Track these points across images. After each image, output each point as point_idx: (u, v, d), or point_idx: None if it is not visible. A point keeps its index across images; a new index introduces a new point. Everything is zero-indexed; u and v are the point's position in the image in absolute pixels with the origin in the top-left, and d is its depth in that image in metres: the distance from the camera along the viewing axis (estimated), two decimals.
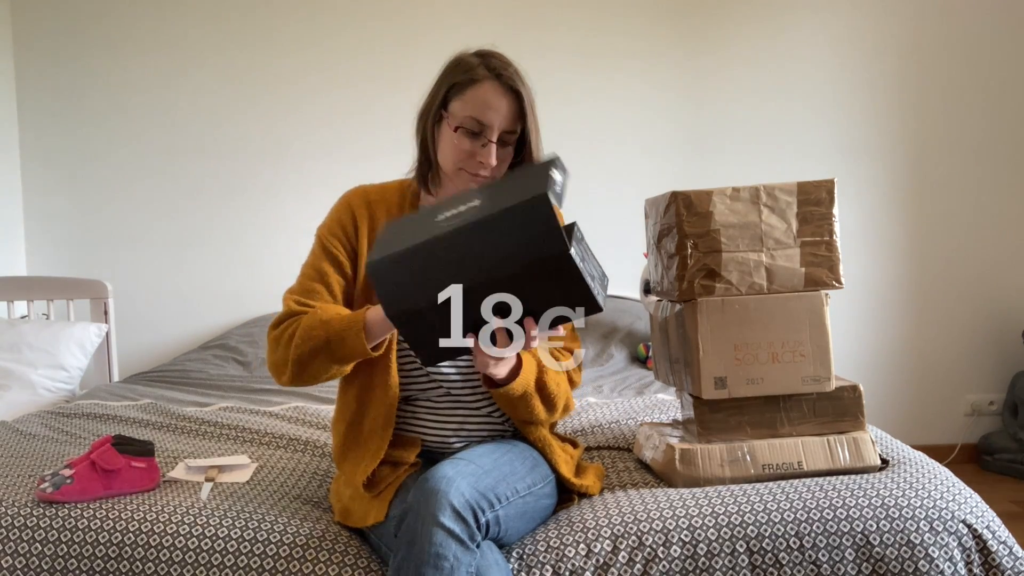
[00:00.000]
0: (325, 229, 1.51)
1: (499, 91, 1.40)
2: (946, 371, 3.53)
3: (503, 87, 1.41)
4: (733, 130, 3.47)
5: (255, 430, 2.00)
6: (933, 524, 1.39)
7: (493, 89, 1.40)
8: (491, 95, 1.40)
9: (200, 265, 3.44)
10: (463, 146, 1.41)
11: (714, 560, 1.36)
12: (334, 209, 1.53)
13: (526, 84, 1.43)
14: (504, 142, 1.42)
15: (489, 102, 1.40)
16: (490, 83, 1.41)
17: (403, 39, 3.42)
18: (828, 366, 1.58)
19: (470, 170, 1.42)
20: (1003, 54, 3.46)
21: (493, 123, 1.40)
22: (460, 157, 1.42)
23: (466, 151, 1.41)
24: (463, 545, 1.19)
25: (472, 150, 1.41)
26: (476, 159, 1.41)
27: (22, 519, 1.46)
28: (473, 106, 1.40)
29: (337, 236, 1.49)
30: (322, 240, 1.51)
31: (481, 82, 1.41)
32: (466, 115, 1.40)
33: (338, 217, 1.51)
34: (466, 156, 1.41)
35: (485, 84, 1.40)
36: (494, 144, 1.40)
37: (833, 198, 1.59)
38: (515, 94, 1.41)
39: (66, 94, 3.41)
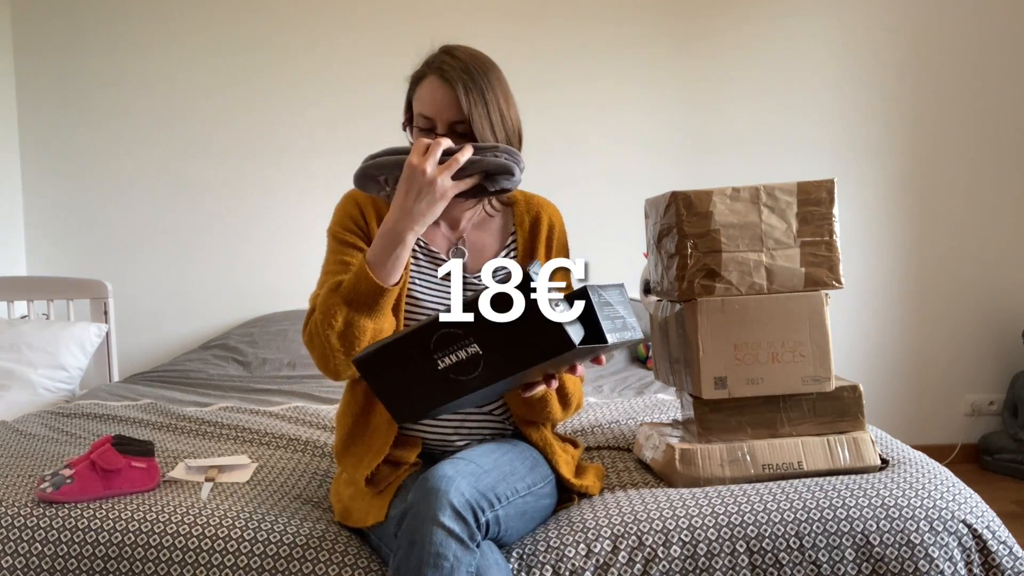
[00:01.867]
0: (336, 225, 1.52)
1: (438, 84, 1.42)
2: (946, 371, 3.53)
3: (440, 80, 1.42)
4: (733, 130, 3.47)
5: (255, 430, 2.00)
6: (933, 524, 1.39)
7: (432, 83, 1.43)
8: (431, 89, 1.42)
9: (200, 265, 3.44)
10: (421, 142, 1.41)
11: (714, 560, 1.36)
12: (339, 207, 1.54)
13: (470, 71, 1.42)
14: (457, 133, 1.42)
15: (429, 97, 1.42)
16: (430, 78, 1.43)
17: (404, 40, 3.42)
18: (828, 366, 1.58)
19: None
20: (1003, 54, 3.46)
21: (435, 117, 1.41)
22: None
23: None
24: (463, 545, 1.19)
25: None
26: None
27: (22, 519, 1.46)
28: (420, 103, 1.44)
29: (350, 228, 1.50)
30: (336, 235, 1.51)
31: (424, 78, 1.44)
32: (417, 112, 1.44)
33: (346, 211, 1.52)
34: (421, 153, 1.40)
35: (427, 80, 1.44)
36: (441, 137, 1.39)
37: (833, 198, 1.59)
38: (446, 80, 1.41)
39: (66, 94, 3.41)
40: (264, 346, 3.03)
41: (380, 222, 1.47)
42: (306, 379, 2.73)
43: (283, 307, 3.41)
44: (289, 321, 3.21)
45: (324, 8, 3.42)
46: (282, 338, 3.07)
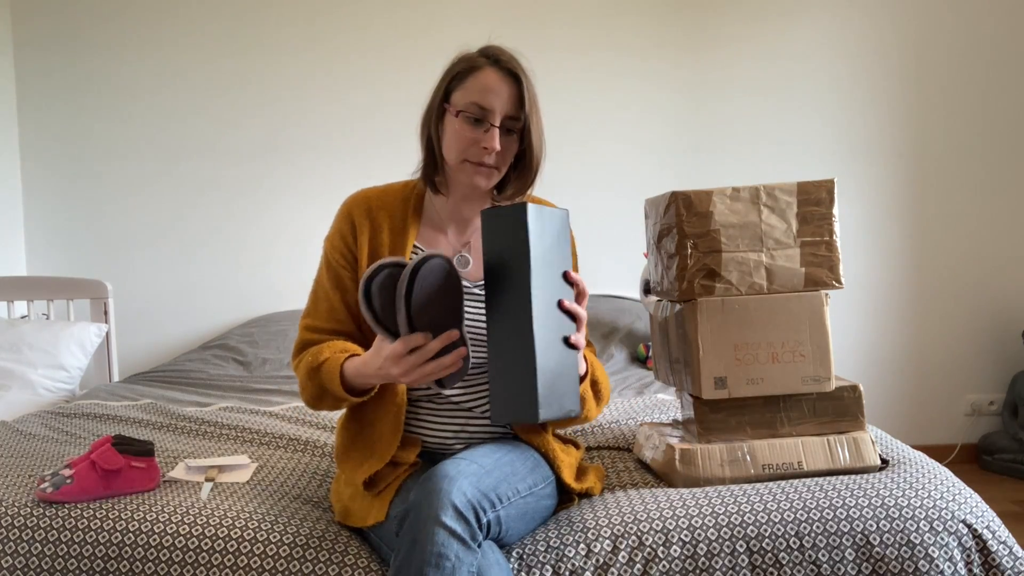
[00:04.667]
0: (328, 242, 1.52)
1: (499, 76, 1.41)
2: (946, 371, 3.53)
3: (502, 72, 1.41)
4: (733, 130, 3.47)
5: (255, 430, 2.00)
6: (933, 524, 1.39)
7: (493, 74, 1.41)
8: (491, 79, 1.41)
9: (200, 265, 3.44)
10: (466, 133, 1.41)
11: (714, 560, 1.36)
12: (335, 219, 1.53)
13: (526, 72, 1.43)
14: (508, 129, 1.42)
15: (489, 86, 1.40)
16: (490, 68, 1.42)
17: (405, 40, 3.42)
18: (828, 366, 1.58)
19: (473, 159, 1.42)
20: (1003, 54, 3.46)
21: (494, 106, 1.40)
22: (463, 145, 1.42)
23: (469, 138, 1.41)
24: (465, 545, 1.18)
25: (475, 137, 1.41)
26: (480, 146, 1.41)
27: (22, 519, 1.46)
28: (474, 91, 1.41)
29: (339, 249, 1.50)
30: (326, 255, 1.52)
31: (481, 68, 1.42)
32: (468, 101, 1.41)
33: (339, 228, 1.51)
34: (469, 143, 1.41)
35: (485, 70, 1.42)
36: (496, 128, 1.40)
37: (833, 198, 1.59)
38: (515, 78, 1.41)
39: (66, 94, 3.41)
40: (264, 346, 3.03)
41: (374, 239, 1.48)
42: None
43: (283, 307, 3.41)
44: (289, 321, 3.21)
45: (324, 9, 3.42)
46: (282, 338, 3.07)
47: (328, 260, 1.51)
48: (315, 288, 1.53)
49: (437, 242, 1.52)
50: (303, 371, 1.44)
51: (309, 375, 1.41)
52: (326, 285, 1.50)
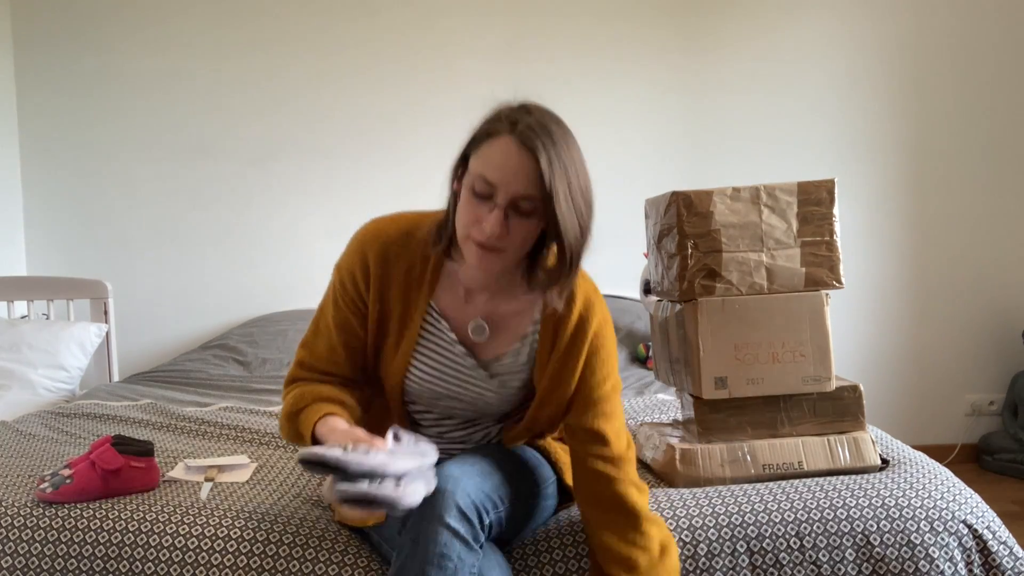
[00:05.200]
0: (338, 278, 1.37)
1: (515, 148, 1.19)
2: (946, 371, 3.53)
3: (518, 144, 1.19)
4: (733, 130, 3.47)
5: (255, 430, 2.00)
6: (933, 524, 1.39)
7: (508, 145, 1.20)
8: (504, 152, 1.19)
9: (200, 265, 3.44)
10: (471, 209, 1.22)
11: (714, 560, 1.36)
12: (349, 252, 1.37)
13: (555, 143, 1.20)
14: (521, 211, 1.21)
15: (499, 160, 1.19)
16: (506, 138, 1.20)
17: (405, 41, 3.42)
18: (828, 366, 1.58)
19: (475, 237, 1.22)
20: (1003, 54, 3.46)
21: (500, 184, 1.19)
22: (467, 221, 1.23)
23: (473, 214, 1.22)
24: (467, 545, 1.18)
25: (479, 215, 1.21)
26: (480, 224, 1.21)
27: (22, 519, 1.46)
28: (485, 162, 1.21)
29: (349, 293, 1.36)
30: (335, 291, 1.38)
31: (498, 136, 1.21)
32: (477, 173, 1.21)
33: (351, 268, 1.35)
34: (472, 220, 1.22)
35: (501, 139, 1.20)
36: (499, 209, 1.19)
37: (833, 198, 1.59)
38: (531, 153, 1.18)
39: (66, 94, 3.41)
40: (264, 346, 3.03)
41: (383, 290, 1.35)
42: None
43: (283, 307, 3.41)
44: (289, 321, 3.21)
45: (325, 10, 3.42)
46: (282, 338, 3.07)
47: (336, 297, 1.38)
48: (319, 318, 1.41)
49: (458, 304, 1.37)
50: (284, 410, 1.36)
51: (288, 417, 1.34)
52: (330, 322, 1.38)
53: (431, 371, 1.37)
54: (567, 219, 1.21)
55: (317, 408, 1.31)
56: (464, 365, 1.37)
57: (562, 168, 1.20)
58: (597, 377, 1.35)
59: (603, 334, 1.36)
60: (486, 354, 1.37)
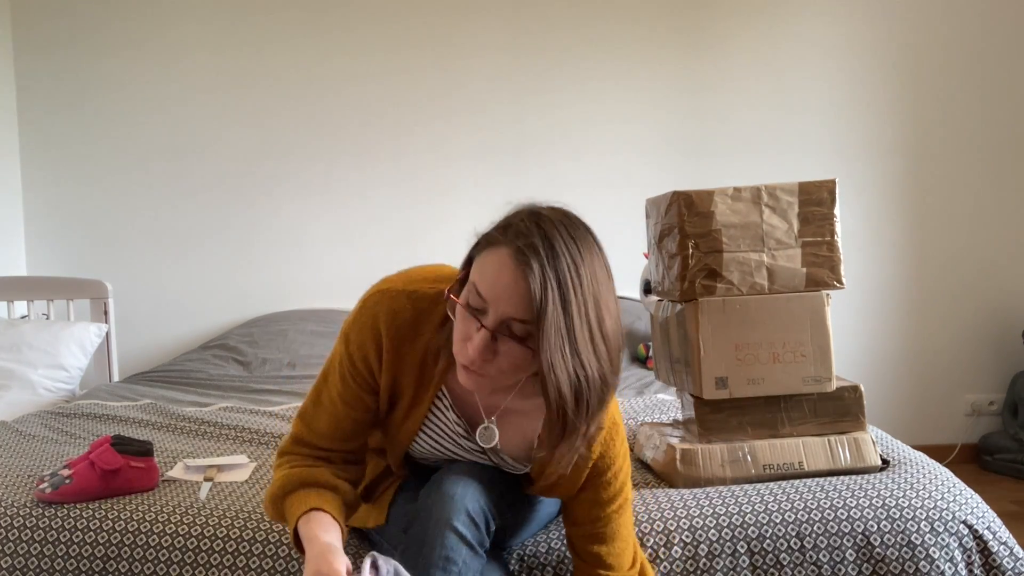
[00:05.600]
0: (347, 354, 1.24)
1: (509, 263, 1.04)
2: (946, 371, 3.53)
3: (514, 258, 1.03)
4: (734, 130, 3.47)
5: (255, 430, 1.99)
6: (934, 524, 1.39)
7: (503, 258, 1.05)
8: (498, 265, 1.05)
9: (200, 265, 3.44)
10: (463, 323, 1.09)
11: (715, 560, 1.36)
12: (360, 327, 1.23)
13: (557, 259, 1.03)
14: (513, 334, 1.06)
15: (492, 274, 1.05)
16: (506, 250, 1.05)
17: (406, 40, 3.42)
18: (829, 366, 1.57)
19: (459, 359, 1.10)
20: (1002, 54, 3.46)
21: (490, 301, 1.05)
22: (457, 335, 1.10)
23: (463, 331, 1.09)
24: (472, 550, 1.18)
25: (468, 332, 1.08)
26: (466, 345, 1.08)
27: (21, 519, 1.46)
28: (479, 274, 1.07)
29: (360, 371, 1.24)
30: (342, 365, 1.25)
31: (498, 247, 1.06)
32: (472, 282, 1.08)
33: (362, 344, 1.23)
34: (462, 337, 1.09)
35: (500, 250, 1.05)
36: (486, 331, 1.05)
37: (834, 198, 1.59)
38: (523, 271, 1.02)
39: (66, 94, 3.40)
40: (264, 346, 3.03)
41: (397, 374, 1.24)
42: (306, 379, 2.73)
43: (283, 307, 3.41)
44: (289, 321, 3.21)
45: (325, 9, 3.42)
46: (282, 338, 3.07)
47: (344, 372, 1.25)
48: (321, 389, 1.28)
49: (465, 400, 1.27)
50: (270, 490, 1.24)
51: (272, 499, 1.24)
52: (335, 396, 1.26)
53: (436, 445, 1.32)
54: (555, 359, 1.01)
55: (304, 498, 1.20)
56: (472, 447, 1.30)
57: (562, 293, 1.01)
58: (602, 496, 1.24)
59: (610, 453, 1.22)
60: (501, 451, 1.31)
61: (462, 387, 1.22)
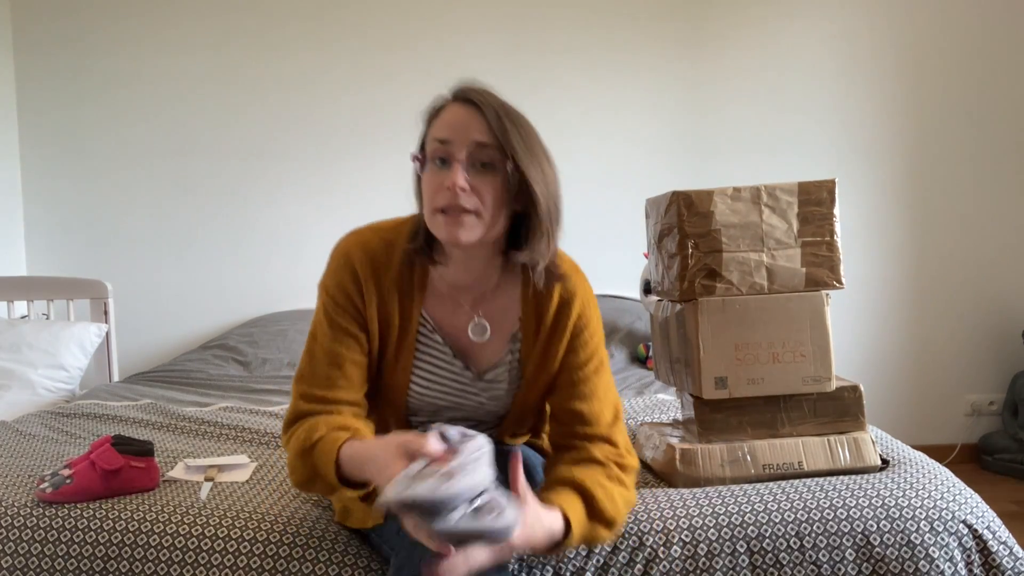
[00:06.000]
0: (328, 296, 1.33)
1: (460, 107, 1.24)
2: (946, 371, 3.53)
3: (463, 102, 1.24)
4: (734, 130, 3.47)
5: (255, 430, 2.00)
6: (933, 524, 1.39)
7: (454, 107, 1.25)
8: (451, 112, 1.25)
9: (200, 265, 3.44)
10: (434, 178, 1.23)
11: (714, 560, 1.36)
12: (334, 269, 1.34)
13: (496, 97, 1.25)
14: (483, 165, 1.22)
15: (448, 119, 1.24)
16: (452, 104, 1.26)
17: (405, 39, 3.42)
18: (828, 366, 1.58)
19: (440, 204, 1.21)
20: (1002, 54, 3.46)
21: (455, 137, 1.21)
22: (431, 192, 1.23)
23: (436, 183, 1.22)
24: None
25: (442, 180, 1.22)
26: (445, 187, 1.21)
27: (22, 519, 1.46)
28: (436, 129, 1.25)
29: (346, 309, 1.32)
30: (327, 311, 1.33)
31: (445, 106, 1.27)
32: (432, 138, 1.24)
33: (341, 284, 1.32)
34: (436, 188, 1.22)
35: (448, 106, 1.26)
36: (458, 163, 1.20)
37: (834, 198, 1.59)
38: (476, 105, 1.23)
39: (66, 94, 3.41)
40: (264, 346, 3.03)
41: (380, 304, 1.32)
42: None
43: (283, 307, 3.41)
44: (289, 321, 3.21)
45: (325, 9, 3.42)
46: (282, 338, 3.07)
47: (330, 316, 1.32)
48: (312, 347, 1.33)
49: (448, 311, 1.35)
50: (294, 449, 1.26)
51: (300, 455, 1.24)
52: (328, 345, 1.31)
53: (431, 385, 1.37)
54: (529, 164, 1.21)
55: (334, 437, 1.21)
56: (463, 379, 1.37)
57: (510, 119, 1.22)
58: (580, 358, 1.35)
59: (586, 315, 1.36)
60: (480, 365, 1.37)
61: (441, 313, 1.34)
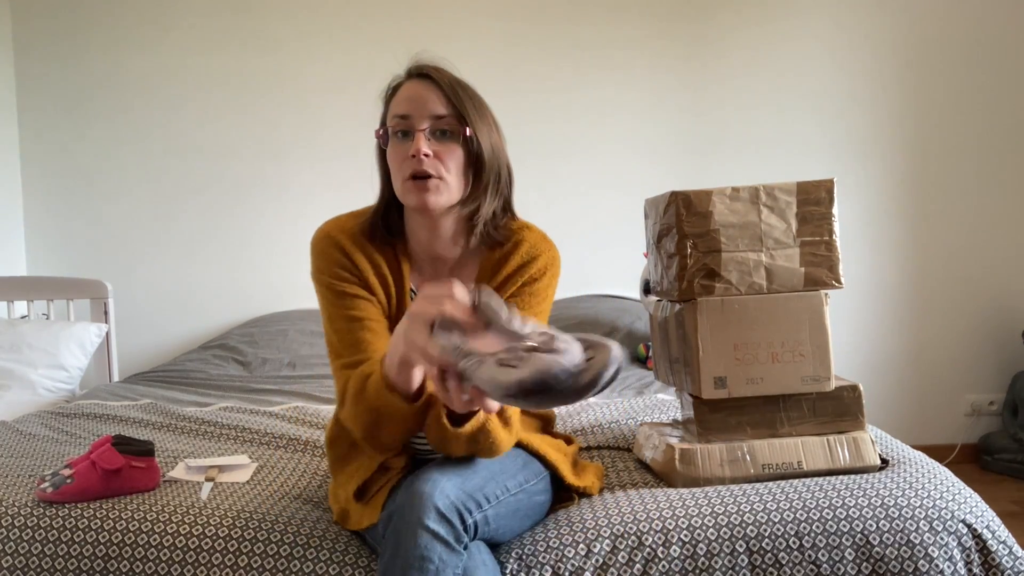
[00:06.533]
0: (325, 274, 1.40)
1: (417, 82, 1.36)
2: (946, 371, 3.53)
3: (418, 78, 1.36)
4: (733, 130, 3.47)
5: (255, 430, 2.00)
6: (933, 524, 1.39)
7: (410, 83, 1.37)
8: (408, 88, 1.36)
9: (200, 265, 3.44)
10: (397, 150, 1.34)
11: (714, 560, 1.36)
12: (319, 252, 1.42)
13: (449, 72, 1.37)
14: (440, 131, 1.33)
15: (406, 94, 1.35)
16: (409, 81, 1.37)
17: (405, 39, 3.42)
18: (828, 366, 1.58)
19: (407, 174, 1.32)
20: (1003, 53, 3.46)
21: (414, 111, 1.33)
22: (397, 163, 1.34)
23: (401, 155, 1.33)
24: (448, 547, 1.18)
25: (406, 151, 1.33)
26: (409, 156, 1.32)
27: (22, 519, 1.46)
28: (395, 105, 1.36)
29: (344, 277, 1.39)
30: (331, 287, 1.39)
31: (402, 84, 1.38)
32: (393, 115, 1.36)
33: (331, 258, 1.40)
34: (401, 160, 1.33)
35: (405, 84, 1.38)
36: (420, 132, 1.32)
37: (833, 198, 1.59)
38: (431, 79, 1.34)
39: (66, 95, 3.41)
40: (264, 346, 3.03)
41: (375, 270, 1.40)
42: (306, 379, 2.73)
43: (283, 307, 3.41)
44: (289, 321, 3.21)
45: (324, 8, 3.42)
46: (282, 338, 3.07)
47: (336, 291, 1.38)
48: (332, 328, 1.38)
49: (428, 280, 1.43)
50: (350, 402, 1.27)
51: (355, 397, 1.26)
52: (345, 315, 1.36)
53: None
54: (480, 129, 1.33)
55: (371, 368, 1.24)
56: None
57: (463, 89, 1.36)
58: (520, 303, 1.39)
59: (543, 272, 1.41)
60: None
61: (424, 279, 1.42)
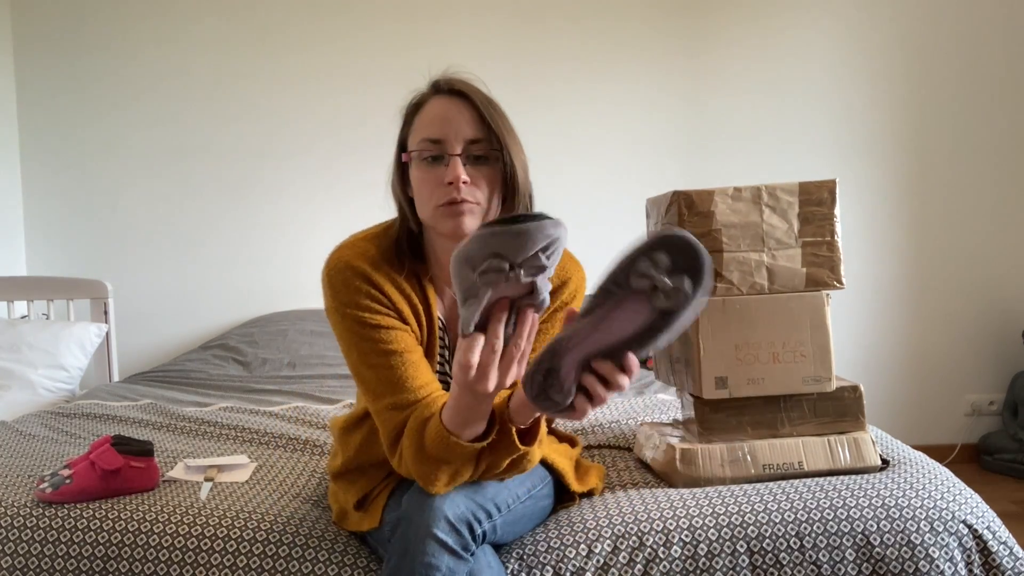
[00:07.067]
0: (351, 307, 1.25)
1: (447, 101, 1.25)
2: (946, 371, 3.53)
3: (449, 95, 1.25)
4: (735, 130, 3.47)
5: (255, 430, 2.00)
6: (933, 524, 1.39)
7: (440, 101, 1.25)
8: (439, 107, 1.25)
9: (200, 265, 3.44)
10: (429, 177, 1.22)
11: (714, 560, 1.36)
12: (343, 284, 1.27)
13: (479, 89, 1.27)
14: (474, 157, 1.23)
15: (438, 114, 1.24)
16: (436, 98, 1.26)
17: (405, 40, 3.42)
18: (829, 366, 1.58)
19: (442, 201, 1.21)
20: (1004, 53, 3.46)
21: (447, 134, 1.22)
22: (429, 191, 1.22)
23: (433, 181, 1.22)
24: (456, 556, 1.17)
25: (438, 176, 1.22)
26: (444, 183, 1.21)
27: (22, 519, 1.46)
28: (425, 126, 1.24)
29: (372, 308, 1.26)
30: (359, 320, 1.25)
31: (427, 101, 1.27)
32: (422, 139, 1.24)
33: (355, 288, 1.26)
34: (435, 186, 1.22)
35: (431, 101, 1.27)
36: (457, 157, 1.21)
37: (834, 198, 1.59)
38: (464, 97, 1.24)
39: (66, 94, 3.41)
40: (264, 346, 3.03)
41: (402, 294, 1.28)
42: (306, 379, 2.73)
43: (283, 307, 3.41)
44: (289, 321, 3.21)
45: (325, 8, 3.42)
46: (282, 338, 3.07)
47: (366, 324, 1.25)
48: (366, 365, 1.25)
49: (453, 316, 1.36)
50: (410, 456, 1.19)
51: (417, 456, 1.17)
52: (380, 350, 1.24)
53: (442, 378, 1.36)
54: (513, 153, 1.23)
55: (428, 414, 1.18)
56: None
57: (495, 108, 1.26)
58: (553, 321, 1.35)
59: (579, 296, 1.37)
60: None
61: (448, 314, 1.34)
